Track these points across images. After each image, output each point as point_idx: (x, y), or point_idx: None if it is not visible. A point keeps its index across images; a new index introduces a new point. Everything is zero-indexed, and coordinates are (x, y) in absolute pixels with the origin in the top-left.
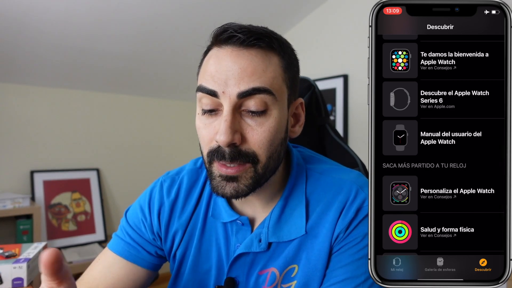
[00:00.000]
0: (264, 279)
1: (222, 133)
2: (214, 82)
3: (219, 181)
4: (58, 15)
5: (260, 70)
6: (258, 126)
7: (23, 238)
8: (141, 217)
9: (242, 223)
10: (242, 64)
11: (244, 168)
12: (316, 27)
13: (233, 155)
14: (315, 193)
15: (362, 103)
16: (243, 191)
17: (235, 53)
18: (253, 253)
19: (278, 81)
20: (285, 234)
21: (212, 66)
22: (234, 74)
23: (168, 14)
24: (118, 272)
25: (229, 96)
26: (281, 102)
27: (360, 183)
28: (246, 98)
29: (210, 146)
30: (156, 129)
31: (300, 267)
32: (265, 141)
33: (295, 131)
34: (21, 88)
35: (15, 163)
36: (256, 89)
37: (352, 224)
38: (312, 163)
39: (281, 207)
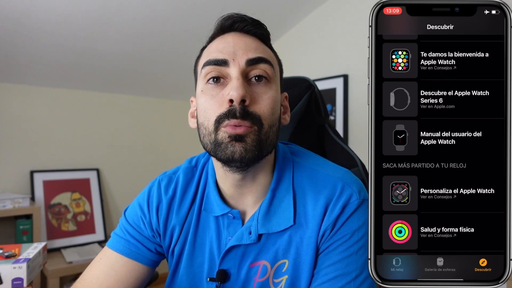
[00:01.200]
0: (255, 271)
1: (236, 88)
2: (223, 54)
3: (228, 142)
4: (58, 15)
5: (261, 48)
6: (263, 93)
7: (23, 238)
8: (140, 215)
9: (233, 216)
10: (247, 41)
11: (252, 129)
12: (316, 27)
13: (244, 113)
14: (301, 186)
15: (362, 103)
16: (250, 151)
17: (237, 35)
18: (244, 246)
19: (275, 62)
20: (274, 225)
21: (218, 44)
22: (241, 47)
23: (168, 14)
24: (120, 270)
25: (238, 62)
26: (277, 80)
27: (347, 180)
28: (252, 67)
29: (220, 111)
30: (156, 129)
31: (290, 261)
32: (268, 107)
33: (286, 118)
34: (21, 88)
35: (15, 163)
36: (261, 58)
37: (339, 221)
38: (300, 156)
39: (269, 199)
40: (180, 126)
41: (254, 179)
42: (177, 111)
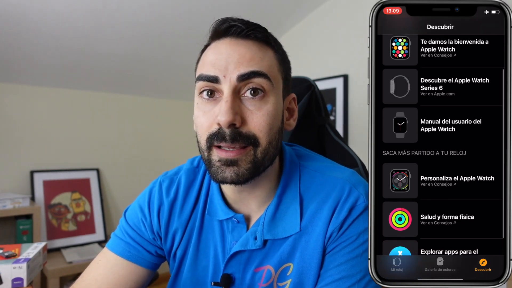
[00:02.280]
0: (260, 276)
1: (224, 113)
2: (215, 69)
3: (219, 165)
4: (57, 16)
5: (258, 57)
6: (257, 110)
7: (23, 238)
8: (141, 217)
9: (238, 220)
10: (241, 51)
11: (245, 151)
12: (316, 27)
13: (234, 136)
14: (309, 190)
15: (362, 103)
16: (244, 174)
17: (233, 42)
18: (248, 251)
19: (274, 70)
20: (280, 231)
21: (212, 55)
22: (234, 59)
23: (168, 14)
24: (119, 272)
25: (229, 79)
26: (277, 90)
27: (354, 182)
28: (246, 82)
29: (210, 131)
30: (156, 129)
31: (295, 265)
32: (264, 124)
33: (290, 124)
34: (21, 88)
35: (15, 163)
36: (254, 72)
37: (346, 223)
38: (306, 160)
39: (275, 205)
40: (180, 126)
41: (256, 186)
42: (177, 111)
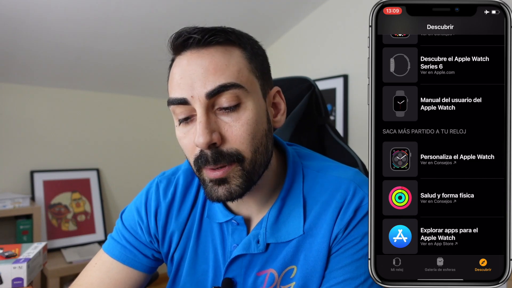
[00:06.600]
0: (262, 280)
1: (199, 135)
2: (181, 90)
3: (211, 186)
4: (58, 15)
5: (223, 66)
6: (235, 121)
7: (23, 238)
8: (138, 220)
9: (237, 223)
10: (204, 64)
11: (231, 168)
12: (316, 27)
13: (215, 157)
14: (312, 192)
15: (362, 103)
16: (236, 191)
17: (194, 55)
18: (250, 255)
19: (244, 73)
20: (283, 235)
21: (176, 74)
22: (198, 75)
23: (168, 13)
24: (115, 277)
25: (198, 98)
26: (253, 93)
27: (358, 181)
28: (216, 97)
29: (194, 154)
30: (156, 129)
31: (299, 268)
32: (245, 135)
33: (278, 120)
34: (21, 88)
35: (15, 163)
36: (223, 86)
37: (351, 224)
38: (309, 160)
39: (278, 208)
40: None
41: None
42: None
